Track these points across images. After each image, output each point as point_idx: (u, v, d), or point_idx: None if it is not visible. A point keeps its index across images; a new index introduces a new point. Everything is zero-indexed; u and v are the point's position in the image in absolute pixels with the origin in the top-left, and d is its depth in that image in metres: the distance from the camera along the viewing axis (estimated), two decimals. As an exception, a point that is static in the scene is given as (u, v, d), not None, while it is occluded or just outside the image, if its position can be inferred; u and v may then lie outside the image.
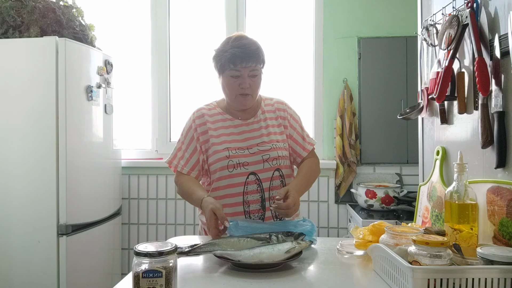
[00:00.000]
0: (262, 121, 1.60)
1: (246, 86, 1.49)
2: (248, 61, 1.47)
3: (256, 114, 1.62)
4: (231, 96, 1.54)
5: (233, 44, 1.50)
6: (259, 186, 1.51)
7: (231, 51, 1.48)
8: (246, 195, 1.50)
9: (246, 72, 1.49)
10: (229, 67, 1.48)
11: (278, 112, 1.64)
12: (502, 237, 1.08)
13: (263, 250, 1.11)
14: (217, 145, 1.54)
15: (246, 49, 1.48)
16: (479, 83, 1.17)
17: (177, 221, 2.81)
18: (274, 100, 1.68)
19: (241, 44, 1.49)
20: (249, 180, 1.50)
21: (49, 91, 2.14)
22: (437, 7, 1.52)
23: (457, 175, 1.15)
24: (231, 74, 1.50)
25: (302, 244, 1.17)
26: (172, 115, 2.97)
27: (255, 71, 1.50)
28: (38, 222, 2.13)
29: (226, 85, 1.53)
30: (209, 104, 1.68)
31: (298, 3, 2.91)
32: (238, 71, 1.48)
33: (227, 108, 1.62)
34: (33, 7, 2.26)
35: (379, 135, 2.71)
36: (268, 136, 1.57)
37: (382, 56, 2.72)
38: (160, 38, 2.95)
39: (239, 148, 1.52)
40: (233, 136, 1.56)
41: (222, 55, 1.51)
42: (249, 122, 1.59)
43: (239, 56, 1.47)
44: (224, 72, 1.51)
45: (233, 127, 1.58)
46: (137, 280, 0.85)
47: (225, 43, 1.54)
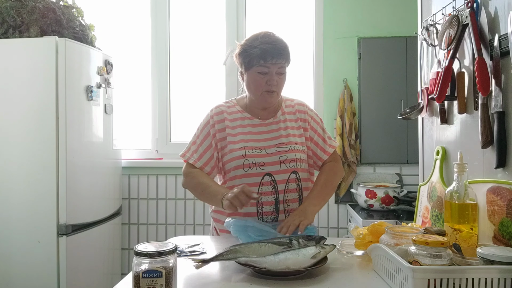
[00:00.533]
0: (282, 122, 1.57)
1: (273, 83, 1.47)
2: (279, 57, 1.45)
3: (276, 114, 1.59)
4: (257, 93, 1.51)
5: (263, 40, 1.46)
6: (274, 188, 1.48)
7: (261, 47, 1.44)
8: (260, 196, 1.46)
9: (275, 69, 1.46)
10: (258, 63, 1.45)
11: (299, 114, 1.61)
12: (502, 237, 1.08)
13: (288, 256, 1.08)
14: (233, 143, 1.51)
15: (277, 45, 1.46)
16: (479, 83, 1.17)
17: (177, 221, 2.81)
18: (295, 101, 1.65)
19: (272, 40, 1.46)
20: (264, 180, 1.48)
21: (49, 91, 2.14)
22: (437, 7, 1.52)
23: (457, 175, 1.15)
24: (259, 70, 1.46)
25: (326, 248, 1.14)
26: (172, 115, 2.97)
27: (282, 68, 1.48)
28: (38, 222, 2.13)
29: (253, 82, 1.50)
30: (228, 102, 1.65)
31: (298, 3, 2.91)
32: (267, 67, 1.45)
33: (247, 106, 1.59)
34: (33, 7, 2.26)
35: (379, 135, 2.71)
36: (286, 138, 1.54)
37: (382, 56, 2.72)
38: (160, 38, 2.95)
39: (256, 147, 1.50)
40: (250, 135, 1.53)
41: (250, 50, 1.47)
42: (268, 122, 1.57)
43: (270, 52, 1.44)
44: (252, 68, 1.48)
45: (251, 126, 1.55)
46: (137, 280, 0.85)
47: (253, 39, 1.49)
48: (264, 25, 2.92)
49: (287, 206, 1.51)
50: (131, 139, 3.00)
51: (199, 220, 2.80)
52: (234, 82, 2.89)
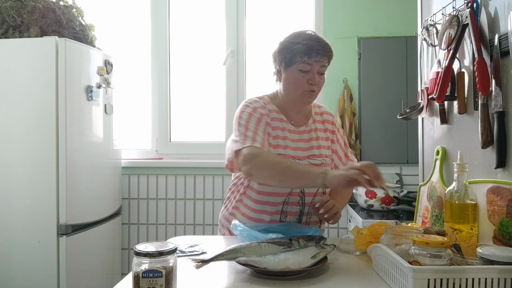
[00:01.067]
0: (313, 131, 1.51)
1: (315, 81, 1.39)
2: (323, 55, 1.37)
3: (307, 122, 1.51)
4: (297, 93, 1.41)
5: (306, 36, 1.38)
6: (301, 199, 1.45)
7: (305, 43, 1.36)
8: (286, 205, 1.44)
9: (317, 67, 1.38)
10: (301, 60, 1.36)
11: (327, 125, 1.56)
12: (502, 237, 1.08)
13: (288, 256, 1.07)
14: (272, 147, 1.42)
15: (321, 42, 1.37)
16: (479, 83, 1.17)
17: (177, 221, 2.81)
18: (322, 109, 1.59)
19: (316, 37, 1.38)
20: (293, 191, 1.43)
21: (49, 91, 2.14)
22: (437, 7, 1.52)
23: (457, 175, 1.15)
24: (301, 67, 1.37)
25: (326, 248, 1.14)
26: (172, 115, 2.97)
27: (324, 68, 1.41)
28: (38, 222, 2.13)
29: (293, 80, 1.40)
30: (261, 98, 1.51)
31: (298, 3, 2.91)
32: (309, 65, 1.37)
33: (281, 107, 1.49)
34: (33, 7, 2.26)
35: (379, 135, 2.71)
36: (318, 150, 1.48)
37: (382, 56, 2.72)
38: (160, 38, 2.95)
39: (291, 156, 1.42)
40: (287, 142, 1.45)
41: (293, 47, 1.37)
42: (300, 130, 1.49)
43: (315, 48, 1.35)
44: (293, 65, 1.38)
45: (288, 132, 1.46)
46: (137, 280, 0.85)
47: (295, 36, 1.40)
48: (264, 25, 2.92)
49: (309, 218, 1.49)
50: (131, 139, 3.00)
51: (199, 220, 2.80)
52: (234, 82, 2.89)
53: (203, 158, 2.85)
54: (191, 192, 2.79)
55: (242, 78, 2.90)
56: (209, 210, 2.78)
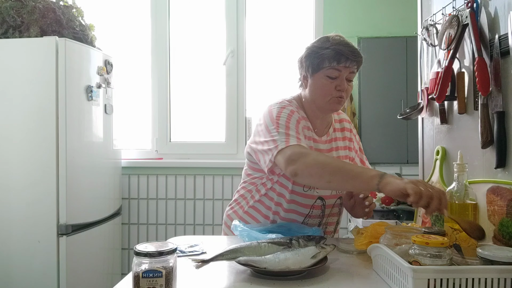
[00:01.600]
0: (333, 141, 1.48)
1: (343, 88, 1.33)
2: (353, 60, 1.32)
3: (328, 131, 1.47)
4: (324, 99, 1.36)
5: (335, 41, 1.33)
6: (322, 212, 1.43)
7: (334, 48, 1.31)
8: (308, 218, 1.42)
9: (346, 73, 1.33)
10: (329, 65, 1.31)
11: (346, 133, 1.53)
12: (502, 237, 1.08)
13: (288, 255, 1.07)
14: None
15: (351, 47, 1.33)
16: (479, 83, 1.17)
17: (177, 221, 2.81)
18: (341, 116, 1.55)
19: (346, 42, 1.33)
20: (315, 204, 1.41)
21: (49, 91, 2.14)
22: (437, 7, 1.52)
23: (457, 175, 1.15)
24: (329, 73, 1.32)
25: (326, 248, 1.13)
26: (172, 115, 2.97)
27: (353, 74, 1.35)
28: (38, 222, 2.13)
29: (320, 86, 1.35)
30: (291, 101, 1.43)
31: (298, 3, 2.91)
32: (338, 70, 1.32)
33: (307, 113, 1.43)
34: (33, 7, 2.26)
35: (379, 135, 2.71)
36: None
37: (382, 56, 2.72)
38: (160, 38, 2.95)
39: None
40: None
41: (321, 52, 1.32)
42: (322, 140, 1.44)
43: (344, 53, 1.30)
44: (320, 71, 1.33)
45: (313, 141, 1.41)
46: (137, 280, 0.85)
47: (323, 41, 1.35)
48: (264, 25, 2.92)
49: (325, 228, 1.48)
50: (131, 139, 3.00)
51: (199, 220, 2.80)
52: (234, 82, 2.89)
53: (203, 158, 2.85)
54: (191, 192, 2.79)
55: (242, 78, 2.90)
56: (209, 210, 2.78)
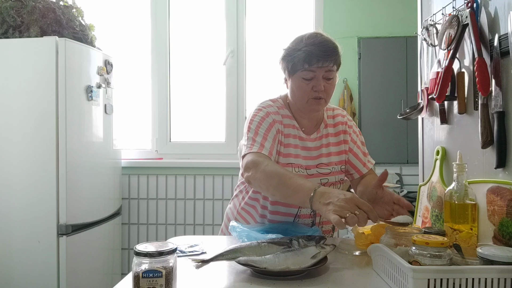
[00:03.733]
0: (324, 137, 1.46)
1: (320, 89, 1.32)
2: (326, 60, 1.30)
3: (319, 128, 1.46)
4: (303, 100, 1.36)
5: (308, 41, 1.32)
6: (313, 211, 1.40)
7: (306, 49, 1.30)
8: (297, 218, 1.40)
9: (321, 73, 1.32)
10: (303, 67, 1.31)
11: (341, 126, 1.50)
12: (502, 237, 1.08)
13: (288, 255, 1.07)
14: (282, 156, 1.38)
15: (323, 46, 1.31)
16: (479, 83, 1.17)
17: (177, 221, 2.81)
18: (335, 111, 1.53)
19: (318, 42, 1.32)
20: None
21: (49, 91, 2.14)
22: (437, 7, 1.52)
23: (457, 175, 1.15)
24: (304, 75, 1.32)
25: (326, 248, 1.13)
26: (172, 115, 2.97)
27: (330, 72, 1.33)
28: (38, 222, 2.13)
29: (297, 88, 1.35)
30: (275, 101, 1.45)
31: (298, 3, 2.91)
32: (312, 72, 1.31)
33: (293, 112, 1.44)
34: (33, 7, 2.26)
35: (379, 135, 2.71)
36: (327, 158, 1.43)
37: (382, 56, 2.72)
38: (160, 38, 2.95)
39: (300, 166, 1.38)
40: (297, 150, 1.41)
41: (294, 54, 1.32)
42: (311, 138, 1.44)
43: (315, 54, 1.29)
44: (296, 73, 1.34)
45: (299, 139, 1.42)
46: (137, 280, 0.85)
47: (298, 41, 1.35)
48: (264, 25, 2.92)
49: (321, 227, 1.46)
50: (131, 139, 3.00)
51: (199, 220, 2.80)
52: (234, 82, 2.89)
53: (203, 158, 2.85)
54: (191, 192, 2.79)
55: (242, 78, 2.90)
56: (209, 210, 2.78)
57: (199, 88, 2.98)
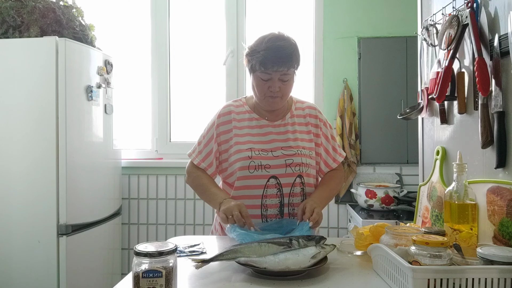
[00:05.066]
0: (290, 125, 1.55)
1: (275, 89, 1.43)
2: (280, 65, 1.40)
3: (284, 117, 1.56)
4: (260, 97, 1.49)
5: (266, 45, 1.41)
6: (279, 191, 1.47)
7: (263, 53, 1.40)
8: (265, 199, 1.46)
9: (277, 76, 1.42)
10: (260, 69, 1.42)
11: (309, 119, 1.58)
12: (502, 237, 1.08)
13: (288, 256, 1.08)
14: (241, 144, 1.49)
15: (279, 52, 1.40)
16: (479, 83, 1.17)
17: (177, 221, 2.81)
18: (305, 104, 1.62)
19: (275, 47, 1.40)
20: (269, 183, 1.46)
21: (49, 91, 2.14)
22: (437, 7, 1.52)
23: (457, 175, 1.15)
24: (261, 76, 1.43)
25: (326, 248, 1.14)
26: (172, 115, 2.97)
27: (286, 75, 1.43)
28: (38, 222, 2.13)
29: (256, 86, 1.47)
30: (237, 101, 1.63)
31: (298, 3, 2.91)
32: (268, 74, 1.42)
33: (255, 107, 1.57)
34: (33, 7, 2.26)
35: (379, 135, 2.71)
36: (294, 141, 1.51)
37: (382, 56, 2.72)
38: (160, 38, 2.95)
39: (262, 149, 1.48)
40: (258, 137, 1.51)
41: (254, 55, 1.43)
42: (276, 124, 1.54)
43: (270, 59, 1.39)
44: (255, 72, 1.46)
45: (259, 127, 1.53)
46: (137, 280, 0.85)
47: (259, 42, 1.44)
48: (264, 25, 2.92)
49: (292, 209, 1.49)
50: (131, 139, 3.00)
51: (199, 220, 2.80)
52: (234, 82, 2.89)
53: (203, 158, 2.85)
54: (191, 192, 2.79)
55: (242, 78, 2.90)
56: (209, 210, 2.78)
57: (199, 88, 2.98)
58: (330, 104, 2.75)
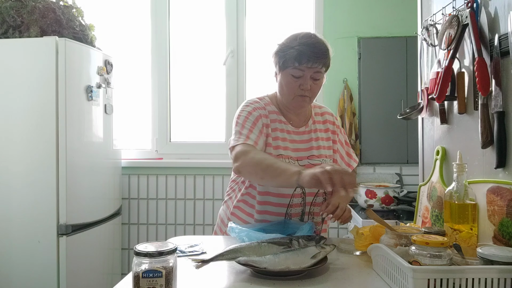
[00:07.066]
0: (313, 132, 1.51)
1: (306, 88, 1.38)
2: (315, 61, 1.35)
3: (307, 123, 1.52)
4: (289, 96, 1.42)
5: (301, 41, 1.36)
6: (303, 200, 1.45)
7: (298, 48, 1.35)
8: (290, 208, 1.44)
9: (310, 73, 1.37)
10: (293, 65, 1.36)
11: (329, 125, 1.56)
12: (502, 237, 1.08)
13: (288, 256, 1.08)
14: (272, 148, 1.43)
15: (315, 48, 1.36)
16: (479, 83, 1.17)
17: (177, 221, 2.81)
18: (323, 109, 1.60)
19: (311, 42, 1.36)
20: (295, 193, 1.44)
21: (49, 91, 2.14)
22: (437, 7, 1.52)
23: (457, 175, 1.15)
24: (293, 73, 1.38)
25: (326, 248, 1.14)
26: (172, 115, 2.97)
27: (318, 73, 1.39)
28: (38, 222, 2.13)
29: (286, 84, 1.41)
30: (262, 99, 1.52)
31: (298, 3, 2.91)
32: (301, 71, 1.37)
33: (280, 109, 1.51)
34: (33, 7, 2.26)
35: (379, 135, 2.71)
36: (318, 150, 1.49)
37: (382, 56, 2.72)
38: (160, 38, 2.95)
39: (290, 157, 1.44)
40: (286, 143, 1.46)
41: (287, 51, 1.37)
42: (300, 131, 1.50)
43: (306, 54, 1.34)
44: (286, 69, 1.39)
45: (287, 133, 1.48)
46: (137, 280, 0.85)
47: (292, 39, 1.39)
48: (264, 25, 2.92)
49: (312, 218, 1.49)
50: (131, 139, 3.00)
51: (199, 220, 2.80)
52: (234, 82, 2.89)
53: (203, 158, 2.85)
54: (191, 192, 2.79)
55: (242, 78, 2.90)
56: (209, 210, 2.78)
57: (199, 88, 2.98)
58: (330, 104, 2.75)
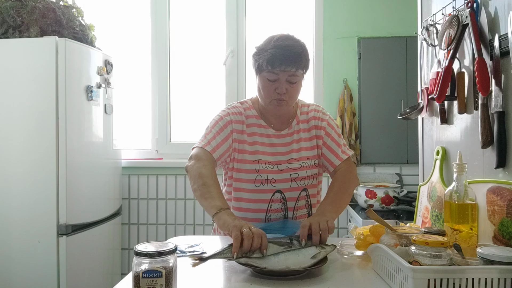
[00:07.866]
0: (295, 133, 1.49)
1: (282, 91, 1.36)
2: (288, 64, 1.33)
3: (290, 124, 1.50)
4: (266, 100, 1.41)
5: (275, 43, 1.34)
6: (284, 205, 1.44)
7: (271, 51, 1.33)
8: (269, 213, 1.43)
9: (284, 77, 1.35)
10: (267, 69, 1.34)
11: (314, 121, 1.51)
12: (502, 237, 1.08)
13: (288, 256, 1.08)
14: (249, 154, 1.43)
15: (287, 51, 1.33)
16: (479, 83, 1.17)
17: (177, 221, 2.81)
18: (310, 107, 1.55)
19: (284, 45, 1.34)
20: (274, 198, 1.43)
21: (49, 91, 2.14)
22: (437, 7, 1.52)
23: (457, 175, 1.15)
24: (268, 76, 1.36)
25: (326, 248, 1.13)
26: (172, 115, 2.97)
27: (294, 77, 1.36)
28: (38, 222, 2.13)
29: (262, 88, 1.40)
30: (243, 103, 1.52)
31: (298, 3, 2.91)
32: (276, 74, 1.34)
33: (261, 112, 1.49)
34: (33, 7, 2.26)
35: (379, 135, 2.71)
36: (298, 153, 1.46)
37: (382, 56, 2.72)
38: (160, 38, 2.95)
39: (269, 162, 1.43)
40: (265, 148, 1.45)
41: (261, 54, 1.36)
42: (282, 134, 1.48)
43: (278, 58, 1.32)
44: (261, 73, 1.38)
45: (266, 137, 1.47)
46: (137, 280, 0.85)
47: (267, 42, 1.37)
48: (264, 25, 2.92)
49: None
50: (131, 139, 3.00)
51: (199, 220, 2.80)
52: (234, 82, 2.89)
53: (203, 158, 2.85)
54: (191, 192, 2.78)
55: (242, 78, 2.90)
56: (209, 210, 2.78)
57: (199, 88, 2.98)
58: (330, 104, 2.75)
